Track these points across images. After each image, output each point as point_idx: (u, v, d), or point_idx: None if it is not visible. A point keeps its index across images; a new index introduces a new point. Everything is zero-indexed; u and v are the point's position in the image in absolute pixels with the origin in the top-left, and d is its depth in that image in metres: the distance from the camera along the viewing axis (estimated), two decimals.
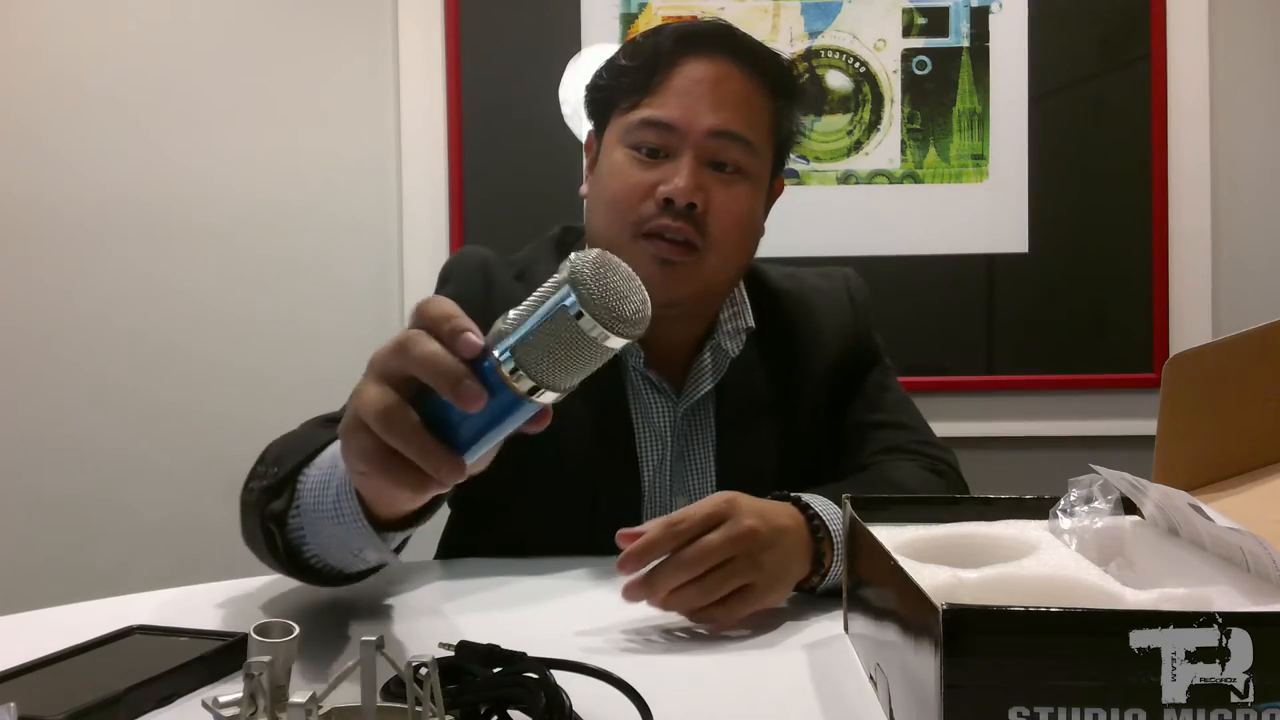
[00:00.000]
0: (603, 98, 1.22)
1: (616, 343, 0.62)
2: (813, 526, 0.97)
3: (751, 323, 1.25)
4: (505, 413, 0.64)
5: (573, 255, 0.63)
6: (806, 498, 0.99)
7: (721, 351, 1.23)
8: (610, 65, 1.22)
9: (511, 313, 0.63)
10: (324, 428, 0.99)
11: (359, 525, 0.80)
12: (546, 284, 0.63)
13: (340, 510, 0.81)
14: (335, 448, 0.83)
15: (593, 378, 1.05)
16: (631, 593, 0.90)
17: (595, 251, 0.63)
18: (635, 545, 0.90)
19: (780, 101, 1.20)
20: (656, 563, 0.90)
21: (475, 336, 0.64)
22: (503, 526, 1.19)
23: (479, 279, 1.20)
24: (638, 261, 1.14)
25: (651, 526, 0.91)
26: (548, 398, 0.64)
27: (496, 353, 0.63)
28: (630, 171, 1.15)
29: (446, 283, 1.23)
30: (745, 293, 1.27)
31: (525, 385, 0.62)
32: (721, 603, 0.90)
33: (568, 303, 0.60)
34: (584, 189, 1.25)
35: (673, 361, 1.23)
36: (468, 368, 0.63)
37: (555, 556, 1.12)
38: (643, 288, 0.65)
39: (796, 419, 1.23)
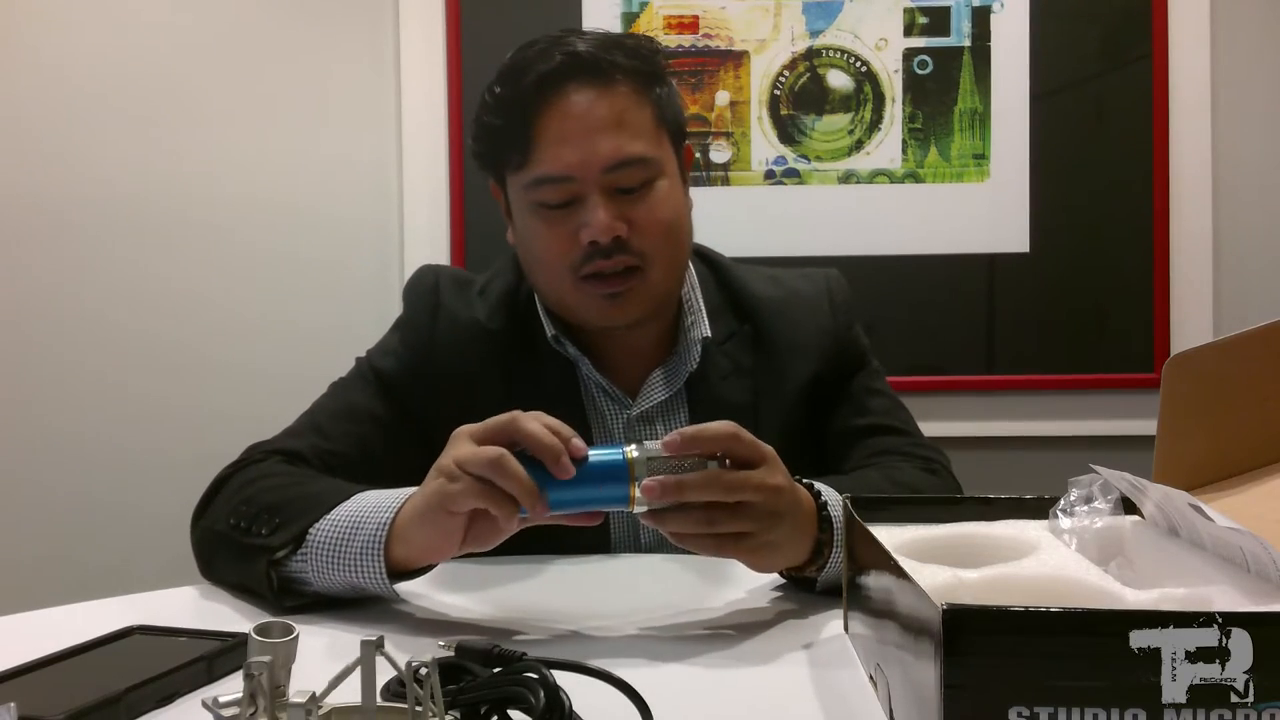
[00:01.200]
0: (488, 160, 1.22)
1: None
2: (821, 517, 0.97)
3: (708, 333, 1.25)
4: (603, 495, 0.88)
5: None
6: (819, 487, 0.99)
7: (680, 363, 1.24)
8: (481, 125, 1.20)
9: (652, 444, 0.88)
10: (281, 463, 1.12)
11: (377, 578, 0.95)
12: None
13: (362, 564, 0.95)
14: (355, 507, 0.97)
15: (551, 383, 1.25)
16: (652, 490, 0.87)
17: None
18: (694, 435, 0.88)
19: (655, 90, 1.19)
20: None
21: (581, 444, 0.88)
22: None
23: (429, 301, 1.26)
24: (589, 303, 1.19)
25: (715, 434, 0.89)
26: (639, 506, 0.87)
27: (634, 453, 0.87)
28: (546, 229, 1.17)
29: (403, 306, 1.30)
30: (701, 301, 1.27)
31: (640, 478, 0.86)
32: (713, 536, 0.90)
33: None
34: (509, 238, 1.26)
35: (627, 367, 1.24)
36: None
37: (532, 555, 1.13)
38: None
39: (771, 425, 1.22)
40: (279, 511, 1.00)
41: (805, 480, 0.99)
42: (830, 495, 0.99)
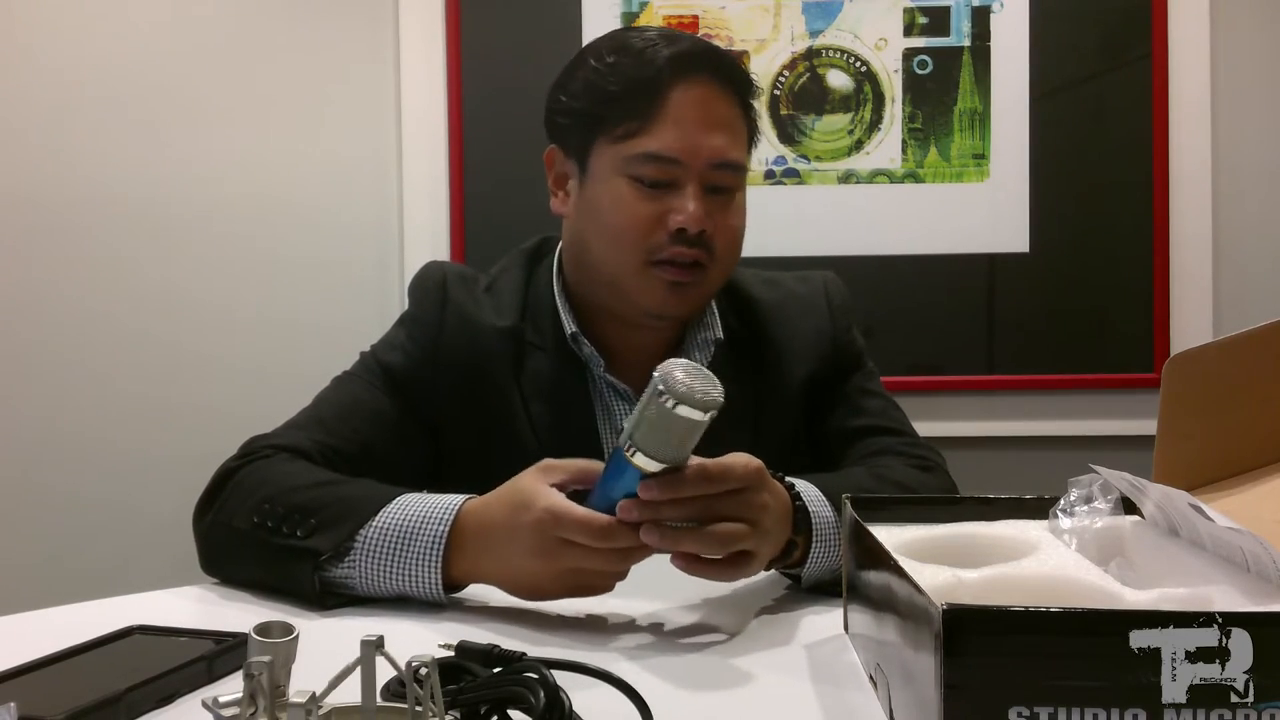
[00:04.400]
0: (583, 122, 1.19)
1: (698, 415, 0.84)
2: (793, 498, 0.98)
3: (720, 334, 1.25)
4: (629, 482, 0.88)
5: (658, 370, 0.85)
6: (797, 485, 1.00)
7: None
8: (591, 87, 1.18)
9: (628, 422, 0.87)
10: (288, 460, 1.10)
11: (433, 589, 0.96)
12: (645, 395, 0.85)
13: (418, 576, 0.96)
14: (404, 516, 0.98)
15: (561, 381, 1.25)
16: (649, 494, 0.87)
17: (680, 362, 0.86)
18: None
19: (751, 111, 1.23)
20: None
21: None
22: None
23: (436, 296, 1.24)
24: (650, 287, 1.18)
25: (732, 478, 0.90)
26: (650, 465, 0.86)
27: (624, 447, 0.86)
28: (636, 204, 1.16)
29: (409, 301, 1.28)
30: (715, 303, 1.27)
31: (637, 458, 0.86)
32: (716, 563, 0.91)
33: (662, 399, 0.84)
34: (559, 207, 1.24)
35: (639, 367, 1.23)
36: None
37: None
38: (711, 378, 0.86)
39: (770, 428, 1.23)
40: (314, 513, 1.00)
41: (783, 477, 0.99)
42: (807, 492, 1.00)
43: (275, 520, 1.01)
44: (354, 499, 1.01)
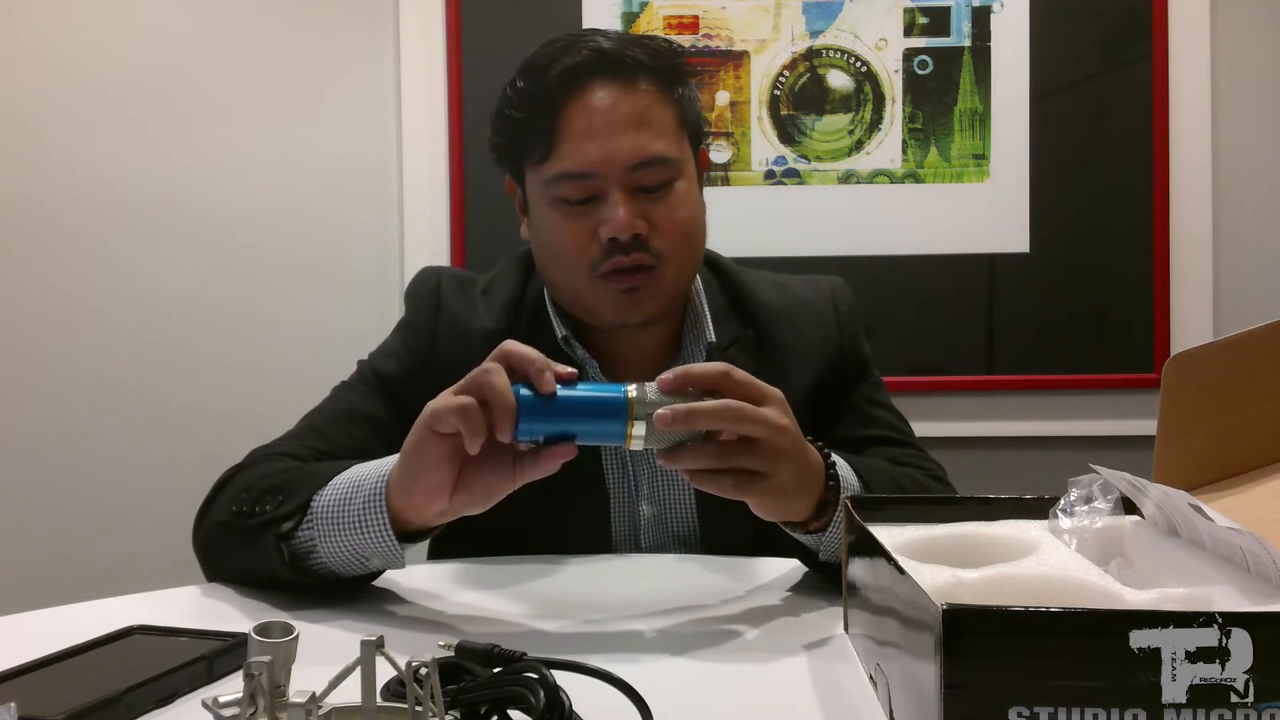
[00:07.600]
0: (508, 154, 1.22)
1: None
2: (829, 474, 0.97)
3: (712, 337, 1.25)
4: (597, 429, 0.87)
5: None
6: (831, 453, 1.00)
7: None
8: (502, 118, 1.20)
9: (649, 387, 0.88)
10: (279, 459, 1.11)
11: (382, 532, 0.94)
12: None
13: (365, 520, 0.94)
14: (354, 473, 0.98)
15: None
16: (665, 419, 0.86)
17: None
18: (685, 372, 0.89)
19: (678, 91, 1.20)
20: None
21: (553, 376, 0.87)
22: (474, 527, 1.20)
23: (430, 303, 1.25)
24: (605, 300, 1.18)
25: (707, 372, 0.90)
26: (635, 443, 0.87)
27: (634, 393, 0.87)
28: (565, 224, 1.16)
29: (405, 308, 1.29)
30: (706, 305, 1.27)
31: (638, 417, 0.86)
32: (726, 473, 0.89)
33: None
34: (524, 234, 1.26)
35: (632, 371, 1.23)
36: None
37: (532, 556, 1.14)
38: None
39: None
40: (280, 490, 1.01)
41: (816, 443, 0.99)
42: (840, 460, 1.01)
43: (249, 505, 1.02)
44: (317, 471, 1.02)
